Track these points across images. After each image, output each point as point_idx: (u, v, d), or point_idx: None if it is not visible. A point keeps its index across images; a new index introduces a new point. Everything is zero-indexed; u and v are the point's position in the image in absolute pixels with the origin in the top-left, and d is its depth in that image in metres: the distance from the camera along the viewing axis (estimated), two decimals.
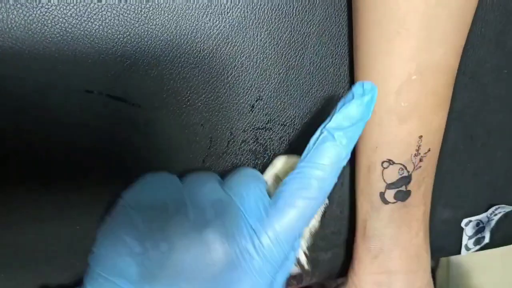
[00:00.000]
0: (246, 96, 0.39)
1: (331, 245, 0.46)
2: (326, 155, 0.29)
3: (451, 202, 0.48)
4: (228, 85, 0.39)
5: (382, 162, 0.37)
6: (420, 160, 0.37)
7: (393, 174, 0.37)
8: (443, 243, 0.49)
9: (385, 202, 0.38)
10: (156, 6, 0.35)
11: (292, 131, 0.41)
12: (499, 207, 0.48)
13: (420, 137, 0.36)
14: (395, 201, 0.38)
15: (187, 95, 0.38)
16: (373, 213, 0.39)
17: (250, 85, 0.39)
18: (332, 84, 0.41)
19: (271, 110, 0.40)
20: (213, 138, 0.40)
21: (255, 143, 0.41)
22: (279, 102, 0.40)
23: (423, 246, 0.40)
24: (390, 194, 0.38)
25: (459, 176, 0.47)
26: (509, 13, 0.43)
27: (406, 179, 0.37)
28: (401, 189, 0.38)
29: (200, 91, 0.38)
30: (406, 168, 0.37)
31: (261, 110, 0.40)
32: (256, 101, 0.40)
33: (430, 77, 0.35)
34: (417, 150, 0.37)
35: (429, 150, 0.37)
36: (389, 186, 0.38)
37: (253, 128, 0.40)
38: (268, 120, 0.40)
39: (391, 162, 0.37)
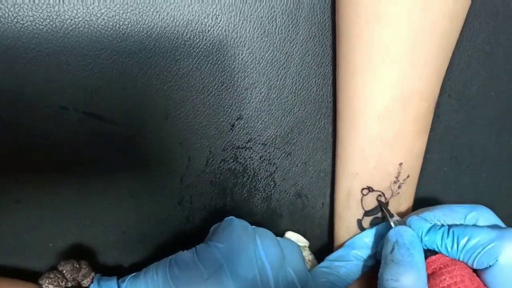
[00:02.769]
0: (226, 115, 0.39)
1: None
2: None
3: None
4: (208, 103, 0.38)
5: (362, 189, 0.37)
6: (399, 187, 0.37)
7: (371, 202, 0.37)
8: None
9: (362, 229, 0.38)
10: (135, 23, 0.35)
11: (273, 151, 0.41)
12: None
13: (400, 164, 0.36)
14: (370, 227, 0.37)
15: (165, 113, 0.37)
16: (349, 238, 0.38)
17: (230, 104, 0.38)
18: (314, 103, 0.40)
19: (251, 129, 0.40)
20: (192, 157, 0.39)
21: (234, 162, 0.40)
22: (260, 122, 0.40)
23: None
24: (366, 221, 0.38)
25: (443, 197, 0.47)
26: (497, 34, 0.42)
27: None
28: (377, 215, 0.37)
29: (179, 109, 0.38)
30: (384, 195, 0.37)
31: (242, 129, 0.39)
32: (237, 120, 0.39)
33: (413, 104, 0.34)
34: (397, 177, 0.36)
35: (408, 176, 0.37)
36: (367, 213, 0.37)
37: (233, 147, 0.40)
38: (249, 139, 0.40)
39: (370, 189, 0.37)
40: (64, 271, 0.32)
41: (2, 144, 0.35)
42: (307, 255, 0.41)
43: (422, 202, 0.41)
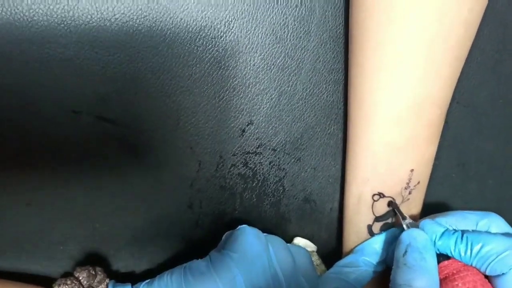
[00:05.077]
0: (237, 120, 0.39)
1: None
2: None
3: None
4: (219, 109, 0.38)
5: (373, 195, 0.37)
6: (409, 193, 0.37)
7: (382, 207, 0.37)
8: None
9: (372, 234, 0.38)
10: (148, 29, 0.35)
11: (283, 156, 0.41)
12: None
13: (412, 170, 0.36)
14: (380, 233, 0.38)
15: (177, 118, 0.38)
16: (358, 243, 0.39)
17: (241, 109, 0.39)
18: (324, 110, 0.40)
19: (262, 134, 0.40)
20: (202, 162, 0.39)
21: (244, 167, 0.40)
22: (270, 127, 0.40)
23: None
24: (377, 227, 0.38)
25: (450, 203, 0.47)
26: (506, 42, 0.42)
27: (393, 212, 0.37)
28: (388, 221, 0.37)
29: (191, 114, 0.38)
30: (395, 201, 0.37)
31: (252, 135, 0.40)
32: (247, 125, 0.39)
33: (426, 110, 0.35)
34: (408, 183, 0.37)
35: (418, 182, 0.37)
36: (377, 219, 0.37)
37: (243, 152, 0.40)
38: (259, 145, 0.40)
39: (381, 195, 0.37)
40: (81, 278, 0.32)
41: (14, 147, 0.36)
42: (315, 260, 0.42)
43: (429, 208, 0.42)
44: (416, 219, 0.40)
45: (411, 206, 0.38)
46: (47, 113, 0.35)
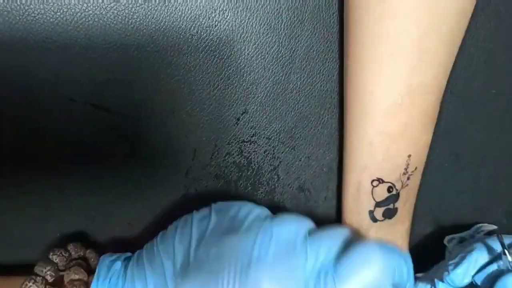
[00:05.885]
0: (232, 109, 0.39)
1: None
2: None
3: (435, 218, 0.48)
4: (214, 97, 0.39)
5: (372, 181, 0.37)
6: (408, 179, 0.37)
7: (382, 193, 0.37)
8: (425, 259, 0.49)
9: (374, 220, 0.38)
10: (144, 17, 0.35)
11: (277, 145, 0.41)
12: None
13: (409, 156, 0.37)
14: (383, 218, 0.38)
15: (172, 107, 0.38)
16: (361, 231, 0.39)
17: (236, 98, 0.39)
18: (318, 99, 0.41)
19: (256, 123, 0.40)
20: (197, 150, 0.40)
21: (239, 155, 0.41)
22: (264, 116, 0.40)
23: None
24: (379, 212, 0.38)
25: (443, 193, 0.47)
26: (499, 33, 0.43)
27: (394, 197, 0.37)
28: (389, 207, 0.38)
29: (186, 103, 0.38)
30: (395, 187, 0.37)
31: (247, 123, 0.40)
32: (242, 114, 0.40)
33: (420, 98, 0.35)
34: (406, 169, 0.37)
35: (416, 168, 0.37)
36: (378, 204, 0.38)
37: (237, 141, 0.40)
38: (253, 134, 0.40)
39: (380, 181, 0.37)
40: (69, 248, 0.33)
41: (10, 135, 0.36)
42: None
43: (422, 197, 0.42)
44: (412, 207, 0.40)
45: (410, 193, 0.38)
46: (43, 101, 0.36)
